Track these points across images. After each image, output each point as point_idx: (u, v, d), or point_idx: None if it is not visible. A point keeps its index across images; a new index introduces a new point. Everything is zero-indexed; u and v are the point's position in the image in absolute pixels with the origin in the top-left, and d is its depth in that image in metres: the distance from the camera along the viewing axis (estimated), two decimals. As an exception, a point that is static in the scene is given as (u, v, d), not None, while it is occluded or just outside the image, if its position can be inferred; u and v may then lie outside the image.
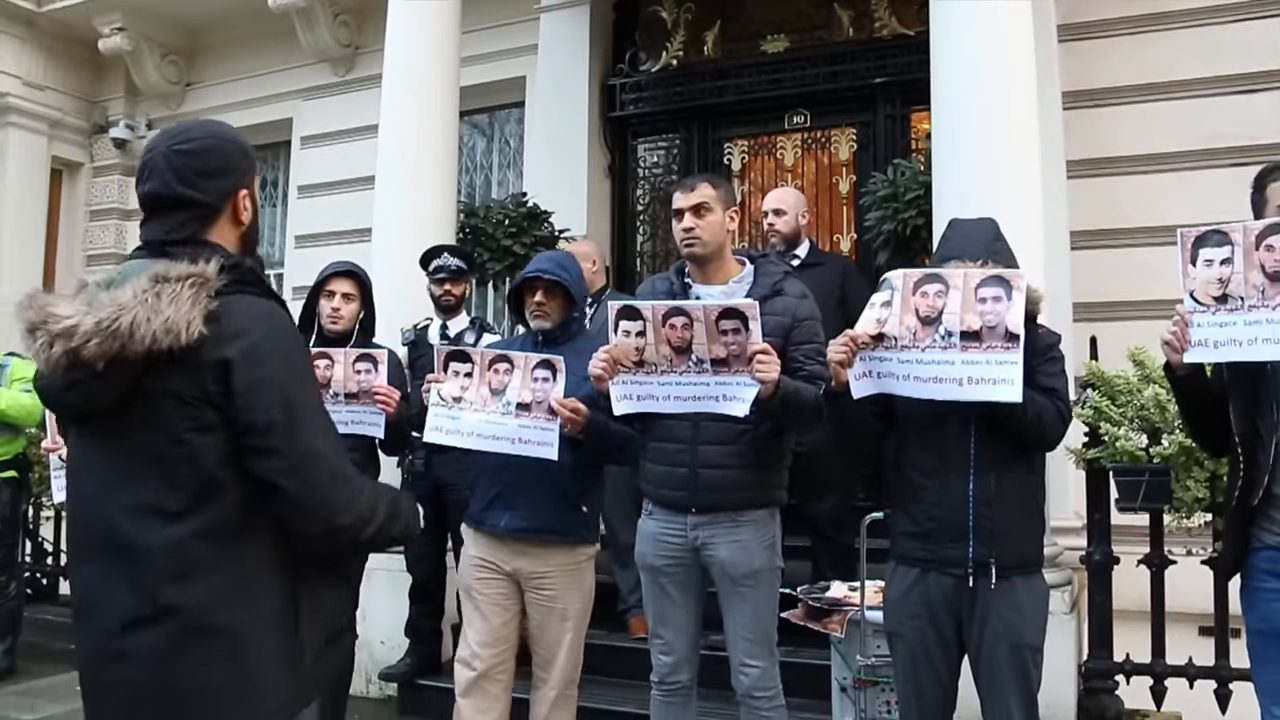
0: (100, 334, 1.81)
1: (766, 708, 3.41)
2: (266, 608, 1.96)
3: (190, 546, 1.88)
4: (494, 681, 3.79)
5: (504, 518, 3.70)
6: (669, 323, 3.16)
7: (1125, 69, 6.16)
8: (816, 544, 5.13)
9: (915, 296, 2.94)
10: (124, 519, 1.90)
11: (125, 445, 1.92)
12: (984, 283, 2.89)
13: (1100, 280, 5.91)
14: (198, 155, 2.03)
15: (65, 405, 2.00)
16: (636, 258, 7.62)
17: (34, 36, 9.62)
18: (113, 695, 1.93)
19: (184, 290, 1.85)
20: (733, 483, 3.34)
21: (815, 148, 7.15)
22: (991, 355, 2.86)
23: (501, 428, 3.56)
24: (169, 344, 1.82)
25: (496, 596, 3.77)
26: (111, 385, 1.88)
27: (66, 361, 1.84)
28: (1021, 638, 3.05)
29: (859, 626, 4.03)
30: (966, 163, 4.54)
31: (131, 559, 1.88)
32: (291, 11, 8.64)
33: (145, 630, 1.87)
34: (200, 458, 1.89)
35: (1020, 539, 3.09)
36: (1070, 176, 6.04)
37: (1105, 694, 4.48)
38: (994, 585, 3.03)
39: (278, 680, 1.96)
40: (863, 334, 2.98)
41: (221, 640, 1.90)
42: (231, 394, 1.88)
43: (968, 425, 3.05)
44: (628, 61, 7.59)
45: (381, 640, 5.45)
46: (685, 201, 3.45)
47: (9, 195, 9.33)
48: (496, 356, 3.64)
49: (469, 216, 6.53)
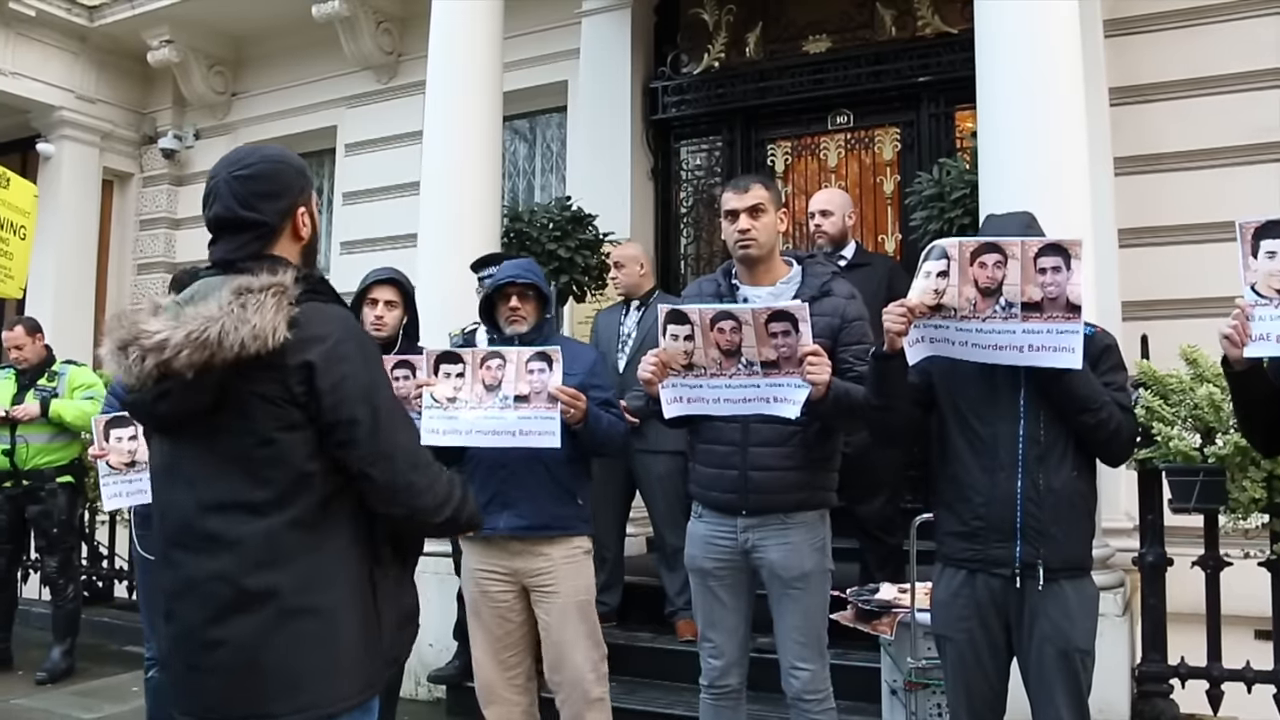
0: (190, 345, 1.94)
1: (817, 710, 3.40)
2: (349, 590, 2.10)
3: (280, 537, 2.02)
4: (510, 687, 3.88)
5: (502, 518, 3.73)
6: (717, 326, 3.15)
7: (1172, 64, 6.10)
8: (864, 545, 5.10)
9: (974, 267, 2.90)
10: (214, 517, 2.03)
11: (214, 449, 2.05)
12: (1042, 251, 2.86)
13: (1149, 278, 5.85)
14: (256, 180, 2.17)
15: (154, 416, 2.12)
16: (681, 260, 7.63)
17: (86, 51, 9.84)
18: (208, 682, 2.04)
19: (268, 300, 1.99)
20: (783, 484, 3.33)
21: (858, 148, 7.13)
22: (1053, 325, 2.84)
23: (501, 421, 3.58)
24: (256, 349, 1.96)
25: (500, 608, 3.83)
26: (201, 393, 2.00)
27: (158, 374, 1.98)
28: (1070, 641, 3.00)
29: (909, 628, 4.00)
30: (1014, 161, 4.49)
31: (222, 553, 2.02)
32: (335, 20, 8.75)
33: (239, 617, 2.00)
34: (288, 455, 2.03)
35: (1069, 541, 3.03)
36: (1118, 173, 5.97)
37: (1160, 698, 4.43)
38: (1041, 587, 2.99)
39: (360, 661, 2.11)
40: (920, 304, 2.94)
41: (312, 622, 2.04)
42: (316, 393, 2.03)
43: (1017, 420, 3.02)
44: (669, 64, 7.60)
45: (430, 643, 5.48)
46: (740, 203, 3.43)
47: (63, 206, 9.51)
48: (488, 354, 3.67)
49: (514, 221, 6.55)
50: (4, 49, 9.22)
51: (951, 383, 3.13)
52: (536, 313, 3.87)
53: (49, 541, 6.27)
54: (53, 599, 6.41)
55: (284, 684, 2.02)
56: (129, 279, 10.36)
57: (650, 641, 5.20)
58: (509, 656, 3.86)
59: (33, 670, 6.19)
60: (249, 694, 2.01)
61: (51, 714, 5.49)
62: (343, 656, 2.07)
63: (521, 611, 3.83)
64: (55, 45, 9.60)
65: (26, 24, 9.25)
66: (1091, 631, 3.07)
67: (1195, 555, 4.41)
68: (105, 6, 9.55)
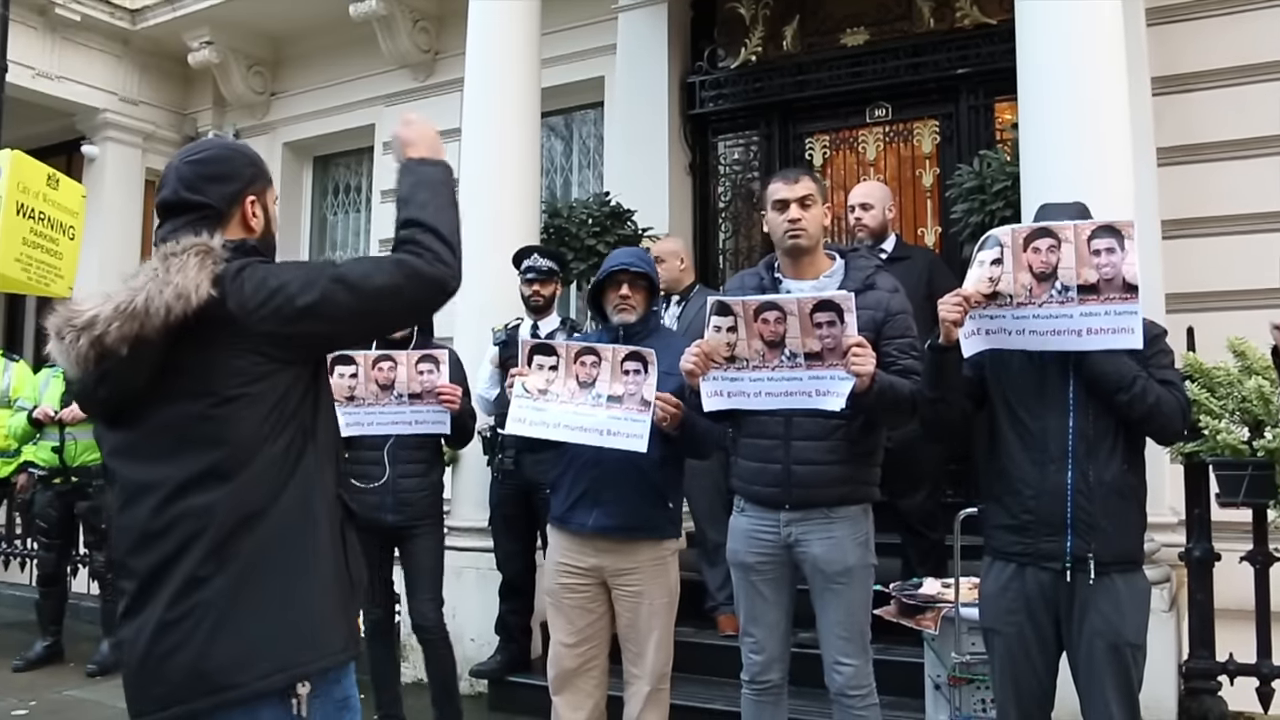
0: (120, 317, 1.90)
1: (860, 706, 3.38)
2: (322, 545, 2.06)
3: (248, 496, 1.97)
4: (586, 678, 3.82)
5: (591, 515, 3.71)
6: (761, 317, 3.15)
7: (1215, 51, 6.03)
8: (906, 540, 5.07)
9: (1027, 253, 2.89)
10: (181, 492, 1.96)
11: (161, 425, 1.99)
12: (1095, 234, 2.85)
13: (1193, 270, 5.78)
14: (204, 163, 2.16)
15: (98, 402, 2.05)
16: (719, 255, 7.62)
17: (129, 54, 9.99)
18: (171, 658, 1.94)
19: (190, 259, 1.96)
20: (827, 479, 3.32)
21: (897, 141, 7.09)
22: (1111, 306, 2.83)
23: (591, 419, 3.55)
24: (181, 309, 1.91)
25: (581, 599, 3.79)
26: (139, 366, 1.95)
27: (94, 354, 1.93)
28: (1121, 635, 2.97)
29: (953, 623, 3.99)
30: (1056, 152, 4.45)
31: (192, 528, 1.94)
32: (372, 19, 8.81)
33: (203, 587, 1.93)
34: (250, 409, 1.98)
35: (1120, 534, 3.01)
36: (1160, 164, 5.90)
37: (1207, 695, 4.38)
38: (1092, 581, 2.96)
39: (331, 621, 2.06)
40: (975, 293, 2.94)
41: (285, 581, 1.99)
42: (265, 317, 1.97)
43: (1066, 414, 3.00)
44: (706, 59, 7.59)
45: (472, 637, 5.52)
46: (791, 193, 3.42)
47: (107, 207, 9.64)
48: (583, 349, 3.63)
49: (553, 217, 6.57)
50: (51, 53, 9.36)
51: (1002, 376, 3.12)
52: (645, 303, 3.81)
53: (97, 536, 6.37)
54: (101, 593, 6.53)
55: (266, 644, 1.95)
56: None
57: (691, 636, 5.19)
58: (588, 649, 3.81)
59: (83, 663, 6.30)
60: (219, 663, 1.93)
61: (102, 705, 5.57)
62: (323, 612, 2.04)
63: (603, 604, 3.79)
64: (99, 49, 9.74)
65: (72, 29, 9.39)
66: (1143, 626, 3.04)
67: (1243, 550, 4.36)
68: (147, 9, 9.69)
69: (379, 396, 4.23)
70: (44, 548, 6.52)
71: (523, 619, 5.38)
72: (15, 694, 5.76)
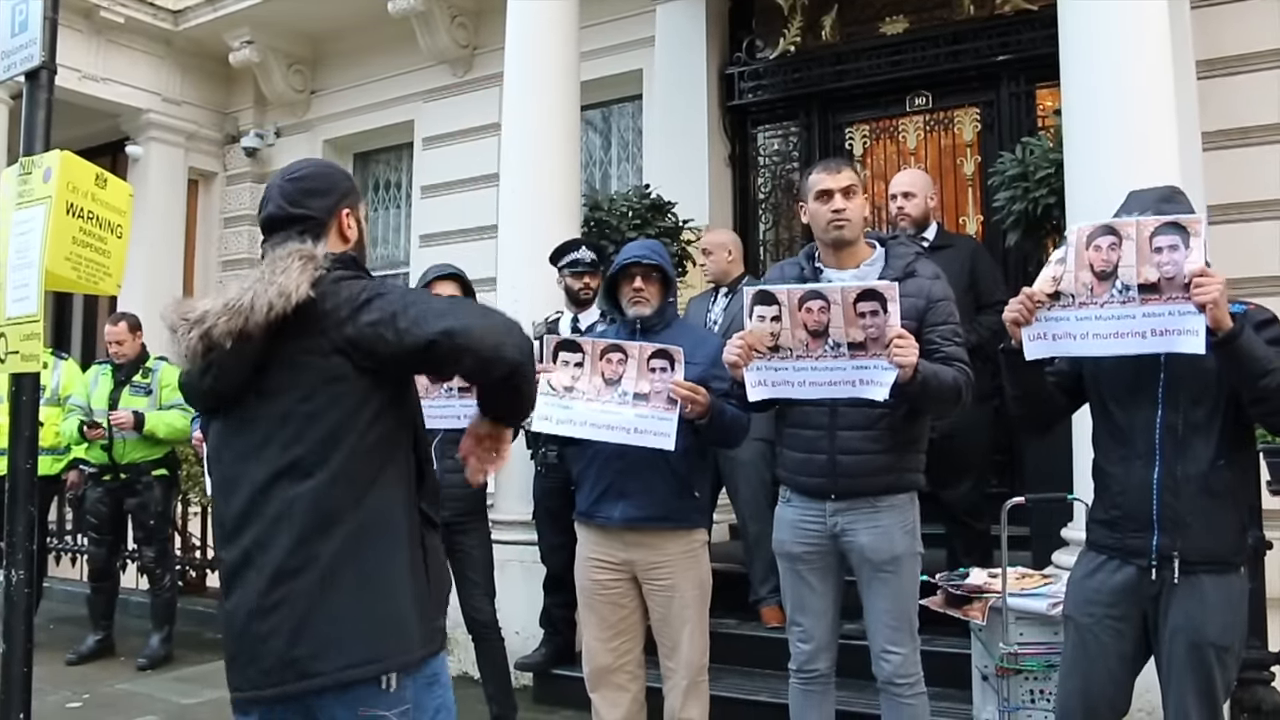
0: (227, 312, 2.06)
1: (908, 694, 3.37)
2: (402, 550, 2.17)
3: (330, 495, 2.09)
4: (621, 673, 3.84)
5: (618, 508, 3.71)
6: (805, 306, 3.14)
7: (1261, 34, 5.94)
8: (951, 530, 5.05)
9: (1089, 251, 2.82)
10: (268, 485, 2.11)
11: (259, 417, 2.14)
12: (1159, 231, 2.73)
13: (1240, 255, 5.69)
14: (303, 179, 2.34)
15: (203, 394, 2.22)
16: (760, 246, 7.60)
17: (171, 55, 10.10)
18: (265, 643, 2.08)
19: (294, 262, 2.11)
20: (872, 468, 3.31)
21: (937, 129, 7.05)
22: (1173, 306, 2.71)
23: (617, 417, 3.54)
24: (281, 307, 2.05)
25: (613, 595, 3.80)
26: (241, 360, 2.11)
27: (203, 347, 2.10)
28: (1202, 634, 2.84)
29: (1001, 614, 3.96)
30: (1101, 138, 4.39)
31: (277, 520, 2.09)
32: (410, 16, 8.85)
33: (294, 579, 2.07)
34: (332, 409, 2.10)
35: (1210, 532, 2.86)
36: (1205, 148, 5.82)
37: (1260, 685, 4.32)
38: (1177, 580, 2.86)
39: (413, 619, 2.17)
40: (1039, 292, 2.88)
41: (366, 580, 2.10)
42: (355, 323, 2.10)
43: (1155, 408, 2.91)
44: (745, 50, 7.58)
45: (516, 630, 5.53)
46: (835, 183, 3.40)
47: (151, 206, 9.73)
48: (609, 346, 3.62)
49: (593, 210, 6.58)
50: (95, 55, 9.48)
51: (1096, 369, 3.05)
52: (660, 295, 3.81)
53: (146, 532, 6.46)
54: (150, 588, 6.61)
55: (348, 641, 2.07)
56: (215, 276, 10.58)
57: (735, 628, 5.20)
58: (621, 644, 3.82)
59: (133, 657, 6.39)
60: (313, 650, 2.06)
61: (153, 699, 5.66)
62: (400, 612, 2.14)
63: (634, 598, 3.80)
64: (142, 50, 9.86)
65: (115, 30, 9.51)
66: (1231, 627, 2.88)
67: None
68: (188, 10, 9.79)
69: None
70: (94, 543, 6.60)
71: (567, 612, 5.37)
72: (69, 687, 5.85)
